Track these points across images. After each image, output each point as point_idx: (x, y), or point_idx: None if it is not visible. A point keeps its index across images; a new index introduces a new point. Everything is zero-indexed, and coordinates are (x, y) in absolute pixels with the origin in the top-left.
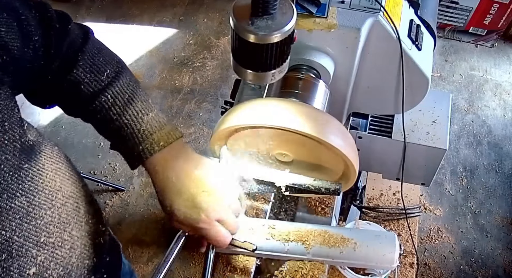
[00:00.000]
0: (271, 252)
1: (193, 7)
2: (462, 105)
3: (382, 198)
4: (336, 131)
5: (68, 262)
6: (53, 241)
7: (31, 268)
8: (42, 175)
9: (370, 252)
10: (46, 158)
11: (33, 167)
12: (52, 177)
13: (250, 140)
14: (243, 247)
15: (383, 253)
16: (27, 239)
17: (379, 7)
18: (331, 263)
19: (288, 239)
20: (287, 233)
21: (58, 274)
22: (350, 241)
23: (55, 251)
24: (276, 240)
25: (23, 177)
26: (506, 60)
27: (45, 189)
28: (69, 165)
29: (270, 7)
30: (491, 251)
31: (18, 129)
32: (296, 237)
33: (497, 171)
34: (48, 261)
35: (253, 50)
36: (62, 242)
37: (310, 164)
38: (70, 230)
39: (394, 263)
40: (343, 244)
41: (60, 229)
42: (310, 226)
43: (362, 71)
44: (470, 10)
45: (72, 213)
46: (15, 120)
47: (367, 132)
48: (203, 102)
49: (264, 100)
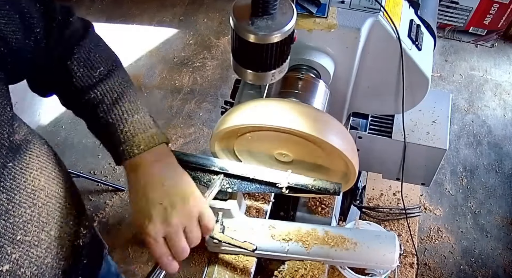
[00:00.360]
0: (271, 252)
1: (193, 7)
2: (462, 105)
3: (382, 198)
4: (336, 131)
5: (43, 261)
6: (29, 240)
7: (5, 265)
8: (26, 174)
9: (370, 252)
10: (32, 157)
11: (16, 165)
12: (36, 176)
13: (250, 140)
14: (243, 247)
15: (383, 253)
16: (2, 236)
17: (379, 7)
18: (331, 263)
19: (288, 239)
20: (287, 233)
21: (31, 273)
22: (350, 241)
23: (31, 250)
24: (276, 240)
25: (6, 175)
26: (506, 60)
27: (27, 188)
28: (56, 164)
29: (270, 7)
30: (491, 251)
31: (7, 128)
32: (296, 237)
33: (497, 171)
34: (23, 259)
35: (253, 50)
36: (38, 241)
37: (310, 164)
38: (48, 230)
39: (394, 263)
40: (343, 244)
41: (38, 228)
42: (310, 226)
43: (362, 71)
44: (470, 10)
45: (53, 213)
46: (6, 119)
47: (367, 132)
48: (203, 102)
49: (264, 100)
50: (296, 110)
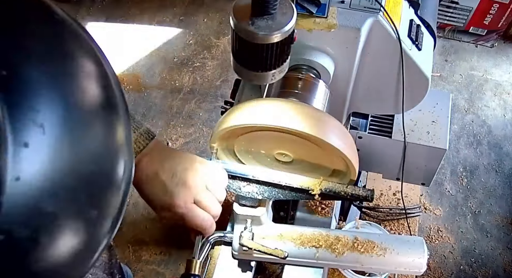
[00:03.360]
0: (302, 259)
1: (193, 7)
2: (462, 105)
3: (382, 198)
4: (336, 131)
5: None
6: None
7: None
8: None
9: (399, 258)
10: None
11: None
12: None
13: (250, 140)
14: (274, 254)
15: (412, 258)
16: None
17: (379, 7)
18: (361, 269)
19: (318, 245)
20: (317, 240)
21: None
22: (380, 247)
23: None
24: (305, 247)
25: None
26: (506, 60)
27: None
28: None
29: (270, 7)
30: (491, 251)
31: None
32: (326, 244)
33: (497, 171)
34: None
35: (253, 50)
36: None
37: (310, 164)
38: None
39: (423, 268)
40: (373, 250)
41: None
42: (339, 232)
43: (362, 71)
44: (470, 10)
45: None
46: None
47: (367, 132)
48: (203, 102)
49: (264, 100)
50: (296, 110)
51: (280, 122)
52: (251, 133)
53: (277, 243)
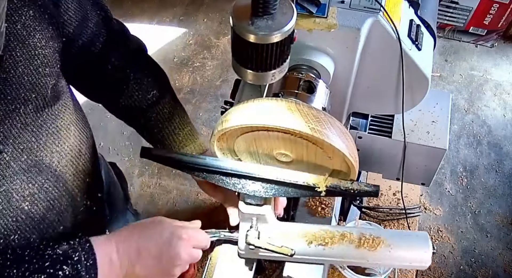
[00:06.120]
0: (309, 256)
1: (193, 7)
2: (462, 105)
3: (382, 198)
4: (336, 131)
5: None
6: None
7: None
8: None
9: (405, 253)
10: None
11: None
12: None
13: (250, 140)
14: (281, 252)
15: (417, 253)
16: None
17: (379, 7)
18: (367, 265)
19: (324, 243)
20: (323, 237)
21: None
22: (385, 242)
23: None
24: (312, 244)
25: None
26: (506, 60)
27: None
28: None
29: (270, 7)
30: (491, 251)
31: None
32: (332, 241)
33: (497, 171)
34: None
35: (253, 50)
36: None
37: (310, 164)
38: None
39: (428, 262)
40: (379, 246)
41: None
42: (344, 229)
43: (362, 71)
44: (470, 10)
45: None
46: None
47: (367, 132)
48: (203, 102)
49: (263, 100)
50: (295, 110)
51: (280, 122)
52: (251, 133)
53: (283, 241)
